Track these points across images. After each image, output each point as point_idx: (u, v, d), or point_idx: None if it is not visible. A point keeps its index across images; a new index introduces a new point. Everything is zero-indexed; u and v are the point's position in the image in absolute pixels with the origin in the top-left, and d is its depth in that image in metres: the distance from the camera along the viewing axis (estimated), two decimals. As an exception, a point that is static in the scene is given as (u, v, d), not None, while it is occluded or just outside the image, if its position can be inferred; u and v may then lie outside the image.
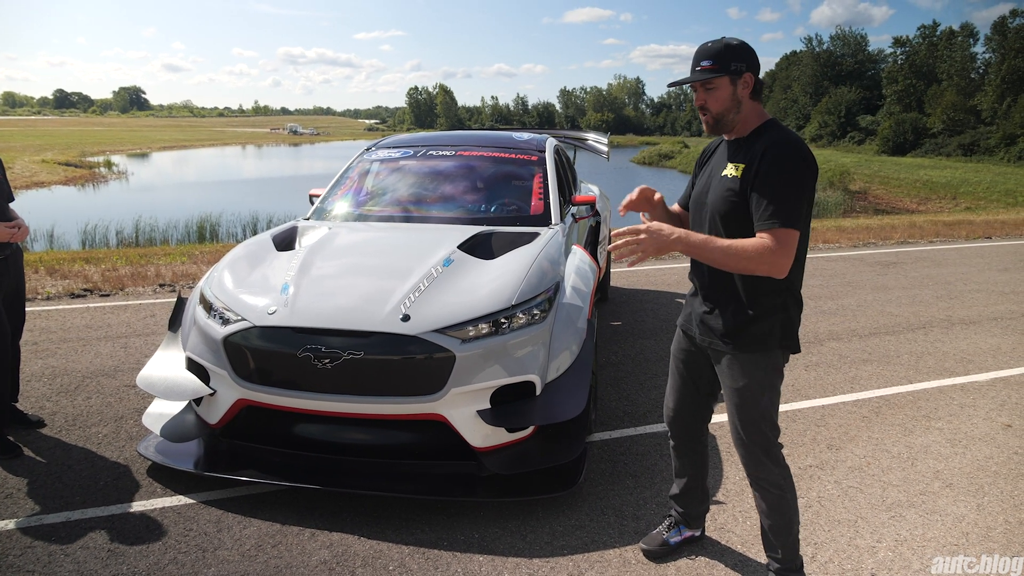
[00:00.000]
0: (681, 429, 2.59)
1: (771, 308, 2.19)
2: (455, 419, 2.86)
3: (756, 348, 2.22)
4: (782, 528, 2.36)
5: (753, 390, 2.25)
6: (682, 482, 2.67)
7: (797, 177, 2.07)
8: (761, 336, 2.20)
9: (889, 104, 57.89)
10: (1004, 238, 11.14)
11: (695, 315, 2.38)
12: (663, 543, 2.70)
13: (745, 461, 2.35)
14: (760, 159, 2.09)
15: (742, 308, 2.21)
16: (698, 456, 2.63)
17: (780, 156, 2.07)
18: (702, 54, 2.16)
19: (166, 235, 13.86)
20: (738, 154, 2.19)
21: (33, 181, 29.70)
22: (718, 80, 2.14)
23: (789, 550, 2.39)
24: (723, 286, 2.24)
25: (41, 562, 2.58)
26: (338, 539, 2.75)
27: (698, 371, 2.46)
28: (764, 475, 2.33)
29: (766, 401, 2.26)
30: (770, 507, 2.35)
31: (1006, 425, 3.93)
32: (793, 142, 2.10)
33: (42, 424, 3.68)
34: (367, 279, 3.28)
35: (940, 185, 33.27)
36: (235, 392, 3.00)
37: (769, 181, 2.07)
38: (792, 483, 2.37)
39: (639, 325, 5.77)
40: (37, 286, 6.63)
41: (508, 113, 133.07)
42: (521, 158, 4.71)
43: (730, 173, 2.18)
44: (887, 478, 3.31)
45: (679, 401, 2.55)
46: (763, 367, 2.24)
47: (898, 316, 6.17)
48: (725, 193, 2.18)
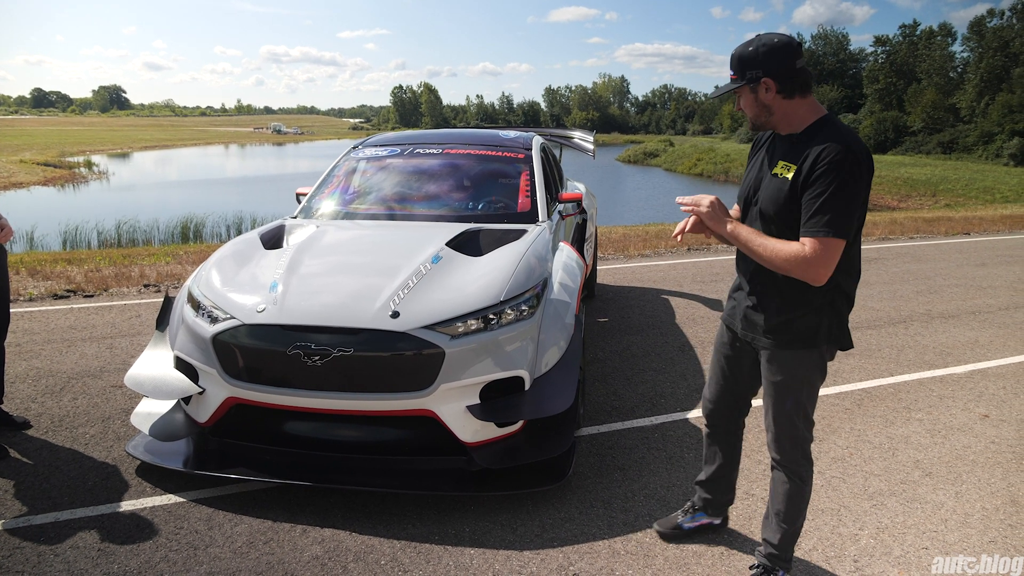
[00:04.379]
0: (718, 420, 2.62)
1: (818, 306, 2.18)
2: (445, 414, 2.89)
3: (799, 344, 2.22)
4: (791, 517, 2.40)
5: (791, 386, 2.26)
6: (711, 469, 2.70)
7: (850, 184, 2.01)
8: (805, 333, 2.20)
9: (870, 103, 58.56)
10: (982, 234, 11.33)
11: (739, 309, 2.38)
12: (676, 527, 2.76)
13: (773, 447, 2.37)
14: (814, 163, 2.04)
15: (787, 305, 2.20)
16: (731, 448, 2.66)
17: (833, 162, 2.01)
18: (730, 63, 2.18)
19: (149, 235, 13.74)
20: (791, 153, 2.14)
21: (11, 182, 29.30)
22: (740, 90, 2.17)
23: (788, 540, 2.43)
24: (769, 282, 2.23)
25: (30, 563, 2.57)
26: (330, 535, 2.76)
27: (739, 366, 2.47)
28: (791, 464, 2.35)
29: (803, 396, 2.27)
30: (787, 495, 2.38)
31: (983, 416, 4.02)
32: (848, 144, 2.02)
33: (28, 425, 3.65)
34: (356, 276, 3.29)
35: (920, 182, 33.73)
36: (224, 390, 3.00)
37: (820, 188, 2.02)
38: (812, 478, 2.40)
39: (626, 321, 5.82)
40: (19, 287, 6.56)
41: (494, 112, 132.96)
42: (508, 156, 4.73)
43: (780, 173, 2.15)
44: (869, 468, 3.38)
45: (718, 393, 2.57)
46: (805, 363, 2.24)
47: (879, 311, 6.27)
48: (774, 193, 2.15)
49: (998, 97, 44.86)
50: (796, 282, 2.13)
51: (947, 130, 48.06)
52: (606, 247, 9.29)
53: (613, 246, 9.45)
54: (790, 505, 2.38)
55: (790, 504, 2.38)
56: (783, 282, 2.18)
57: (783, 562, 2.44)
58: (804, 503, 2.39)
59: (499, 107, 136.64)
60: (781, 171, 2.15)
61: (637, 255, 8.94)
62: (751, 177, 2.32)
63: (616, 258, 8.72)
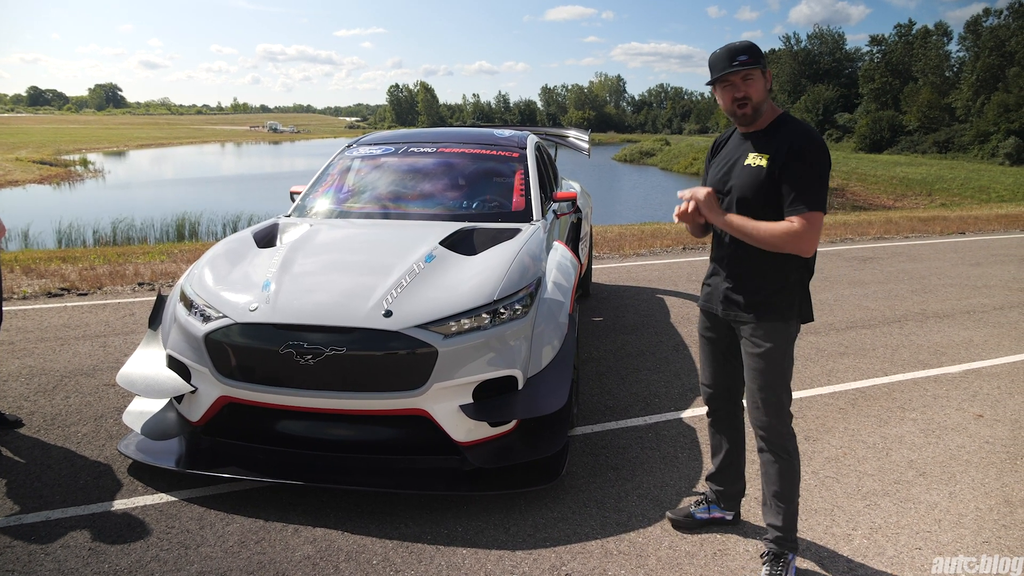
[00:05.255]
0: (720, 403, 2.73)
1: (793, 282, 2.42)
2: (438, 414, 2.88)
3: (777, 317, 2.42)
4: (787, 494, 2.49)
5: (775, 355, 2.43)
6: (718, 459, 2.80)
7: (821, 167, 2.30)
8: (783, 306, 2.42)
9: (866, 102, 58.64)
10: (977, 233, 11.35)
11: (717, 292, 2.56)
12: (688, 515, 2.84)
13: (759, 426, 2.49)
14: (788, 151, 2.30)
15: (765, 282, 2.42)
16: (735, 432, 2.77)
17: (805, 149, 2.29)
18: (736, 50, 2.34)
19: (144, 234, 13.70)
20: (761, 145, 2.39)
21: (6, 180, 29.19)
22: (755, 72, 2.34)
23: (790, 520, 2.51)
24: (747, 262, 2.44)
25: (21, 562, 2.56)
26: (322, 534, 2.75)
27: (725, 344, 2.62)
28: (776, 439, 2.48)
29: (786, 365, 2.46)
30: (779, 473, 2.49)
31: (978, 415, 4.03)
32: (814, 135, 2.35)
33: (20, 424, 3.64)
34: (349, 275, 3.28)
35: (916, 182, 33.79)
36: (216, 389, 2.99)
37: (797, 171, 2.29)
38: (798, 450, 2.53)
39: (620, 321, 5.82)
40: (13, 285, 6.53)
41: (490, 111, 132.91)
42: (503, 155, 4.72)
43: (754, 162, 2.37)
44: (862, 468, 3.38)
45: (713, 376, 2.70)
46: (783, 334, 2.43)
47: (874, 310, 6.28)
48: (751, 180, 2.37)
49: (994, 96, 44.98)
50: (772, 261, 2.38)
51: (943, 129, 48.19)
52: (601, 246, 9.29)
53: (608, 245, 9.45)
54: (784, 483, 2.49)
55: (784, 482, 2.49)
56: (761, 260, 2.40)
57: (790, 543, 2.52)
58: (797, 478, 2.52)
59: (495, 106, 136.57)
60: (754, 160, 2.38)
61: (632, 254, 8.94)
62: (720, 172, 2.52)
63: (611, 257, 8.72)
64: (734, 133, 2.55)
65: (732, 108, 2.40)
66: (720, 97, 2.43)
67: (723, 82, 2.37)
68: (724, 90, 2.39)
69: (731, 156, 2.50)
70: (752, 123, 2.42)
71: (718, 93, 2.43)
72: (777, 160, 2.32)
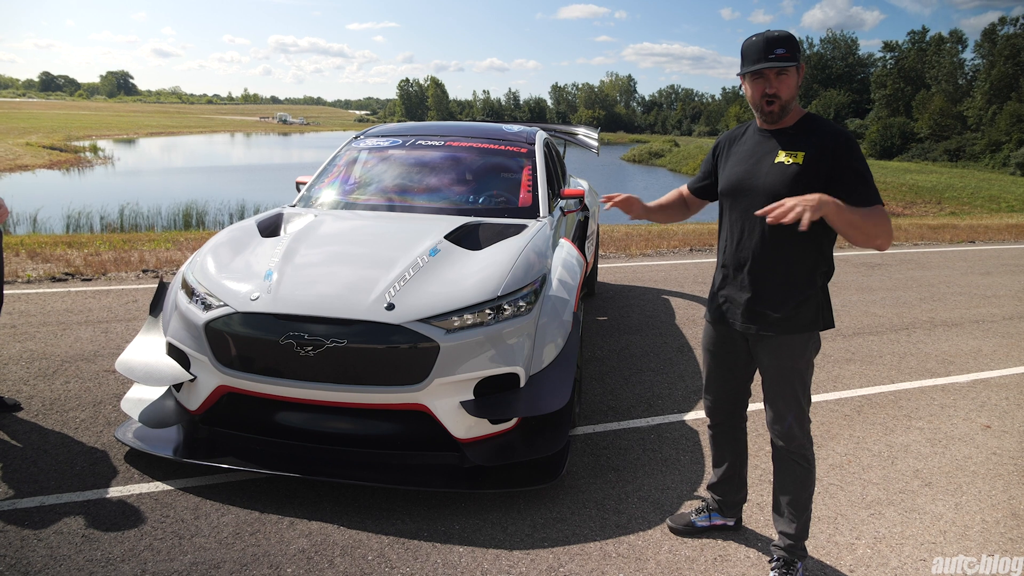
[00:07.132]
0: (722, 417, 2.67)
1: (819, 287, 2.34)
2: (438, 409, 2.84)
3: (803, 329, 2.34)
4: (802, 503, 2.45)
5: (799, 366, 2.37)
6: (720, 470, 2.74)
7: (865, 162, 2.25)
8: (809, 318, 2.33)
9: (877, 108, 58.40)
10: (987, 242, 11.26)
11: (735, 305, 2.42)
12: (688, 523, 2.78)
13: (780, 436, 2.44)
14: (833, 151, 2.21)
15: (795, 291, 2.32)
16: (738, 443, 2.71)
17: (852, 145, 2.24)
18: (774, 41, 2.21)
19: (151, 221, 13.71)
20: (791, 143, 2.28)
21: (16, 164, 29.27)
22: (791, 69, 2.24)
23: (803, 528, 2.46)
24: (777, 268, 2.32)
25: (13, 547, 2.54)
26: (317, 528, 2.72)
27: (734, 359, 2.53)
28: (796, 448, 2.42)
29: (807, 377, 2.41)
30: (796, 481, 2.44)
31: (985, 426, 3.97)
32: (848, 133, 2.30)
33: (18, 408, 3.62)
34: (352, 267, 3.25)
35: (926, 189, 33.58)
36: (216, 378, 2.96)
37: (854, 168, 2.21)
38: (815, 459, 2.48)
39: (625, 321, 5.77)
40: (18, 269, 6.53)
41: (500, 108, 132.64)
42: (511, 150, 4.68)
43: (787, 160, 2.27)
44: (867, 476, 3.33)
45: (718, 391, 2.63)
46: (808, 345, 2.37)
47: (881, 317, 6.22)
48: (783, 178, 2.26)
49: (1006, 106, 44.70)
50: (804, 266, 2.30)
51: (954, 138, 47.93)
52: (608, 245, 9.24)
53: (615, 244, 9.40)
54: (801, 491, 2.45)
55: (801, 489, 2.44)
56: (787, 269, 2.31)
57: (801, 551, 2.48)
58: (813, 486, 2.47)
59: (505, 103, 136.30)
60: (787, 158, 2.27)
61: (639, 254, 8.90)
62: (742, 168, 2.38)
63: (618, 257, 8.67)
64: (750, 128, 2.44)
65: (760, 103, 2.28)
66: (749, 88, 2.30)
67: (756, 75, 2.25)
68: (755, 83, 2.26)
69: (754, 153, 2.37)
70: (778, 120, 2.31)
71: (747, 84, 2.30)
72: (820, 160, 2.21)
